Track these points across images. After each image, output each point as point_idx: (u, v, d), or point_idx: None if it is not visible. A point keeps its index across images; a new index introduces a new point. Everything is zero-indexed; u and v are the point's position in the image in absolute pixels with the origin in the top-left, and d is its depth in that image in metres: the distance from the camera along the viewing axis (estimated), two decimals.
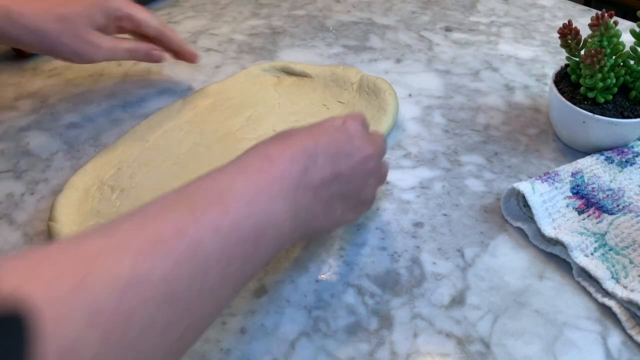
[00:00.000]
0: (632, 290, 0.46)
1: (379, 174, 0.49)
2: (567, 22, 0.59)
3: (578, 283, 0.50)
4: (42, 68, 0.75)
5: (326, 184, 0.42)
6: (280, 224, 0.39)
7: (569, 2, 0.89)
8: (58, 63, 0.76)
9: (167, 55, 0.66)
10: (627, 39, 0.57)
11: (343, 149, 0.44)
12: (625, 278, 0.48)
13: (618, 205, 0.53)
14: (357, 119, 0.47)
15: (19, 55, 0.76)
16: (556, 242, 0.51)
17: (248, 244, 0.36)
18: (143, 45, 0.65)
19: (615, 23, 0.56)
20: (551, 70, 0.67)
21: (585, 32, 0.59)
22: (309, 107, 0.66)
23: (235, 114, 0.65)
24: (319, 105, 0.67)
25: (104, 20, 0.61)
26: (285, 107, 0.66)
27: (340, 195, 0.44)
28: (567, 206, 0.53)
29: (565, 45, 0.60)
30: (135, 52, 0.64)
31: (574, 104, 0.58)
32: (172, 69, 0.75)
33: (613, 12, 0.56)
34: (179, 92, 0.71)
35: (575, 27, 0.58)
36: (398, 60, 0.76)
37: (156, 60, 0.66)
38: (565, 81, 0.61)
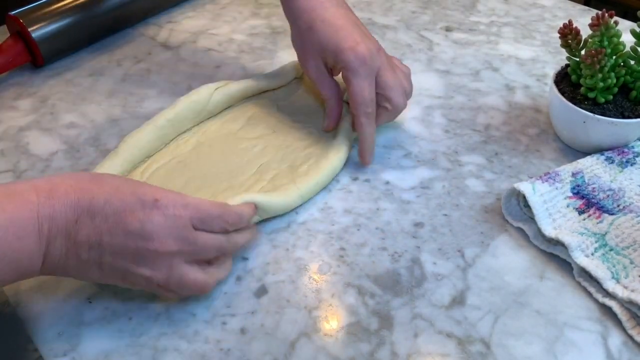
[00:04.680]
0: (632, 291, 0.46)
1: (167, 275, 0.43)
2: (567, 22, 0.59)
3: (578, 283, 0.50)
4: (42, 68, 0.75)
5: (85, 244, 0.42)
6: (22, 260, 0.41)
7: (569, 2, 0.89)
8: (57, 63, 0.76)
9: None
10: (627, 39, 0.57)
11: (124, 225, 0.42)
12: (625, 278, 0.48)
13: (618, 206, 0.53)
14: (178, 208, 0.43)
15: (34, 64, 0.76)
16: (557, 242, 0.51)
17: None
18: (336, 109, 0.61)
19: (616, 23, 0.56)
20: (551, 70, 0.67)
21: (585, 32, 0.59)
22: (306, 107, 0.67)
23: (237, 115, 0.65)
24: (315, 105, 0.67)
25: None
26: (284, 109, 0.67)
27: (97, 263, 0.43)
28: (568, 206, 0.53)
29: (565, 45, 0.60)
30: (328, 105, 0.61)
31: (575, 104, 0.58)
32: (172, 69, 0.75)
33: (613, 12, 0.56)
34: (179, 92, 0.71)
35: (576, 27, 0.58)
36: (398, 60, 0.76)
37: (325, 126, 0.62)
38: (565, 81, 0.61)
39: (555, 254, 0.52)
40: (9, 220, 0.40)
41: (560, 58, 0.75)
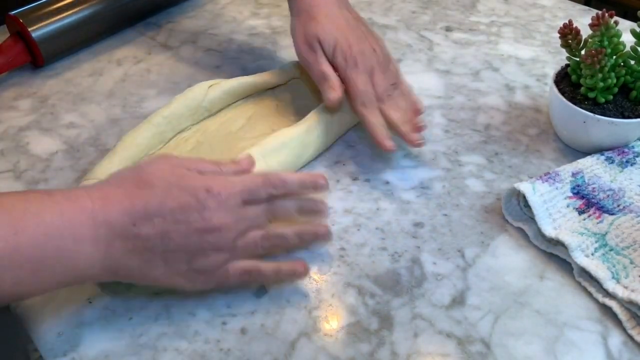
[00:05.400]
0: (632, 291, 0.46)
1: (233, 252, 0.45)
2: (567, 22, 0.59)
3: (579, 283, 0.50)
4: (41, 68, 0.75)
5: (150, 240, 0.43)
6: (79, 264, 0.42)
7: (570, 2, 0.89)
8: (57, 63, 0.76)
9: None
10: (627, 39, 0.57)
11: (184, 216, 0.43)
12: (625, 278, 0.48)
13: (619, 206, 0.53)
14: (227, 190, 0.45)
15: (34, 64, 0.76)
16: (557, 243, 0.51)
17: (24, 270, 0.40)
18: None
19: (616, 23, 0.56)
20: (551, 70, 0.67)
21: (585, 32, 0.59)
22: (306, 107, 0.67)
23: (237, 115, 0.65)
24: (314, 106, 0.67)
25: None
26: (284, 109, 0.67)
27: (163, 256, 0.43)
28: (568, 206, 0.53)
29: (565, 45, 0.60)
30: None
31: (575, 104, 0.58)
32: (172, 69, 0.75)
33: (613, 12, 0.56)
34: (179, 92, 0.71)
35: (576, 27, 0.58)
36: (398, 60, 0.76)
37: (331, 97, 0.59)
38: (565, 81, 0.61)
39: (555, 254, 0.52)
40: (67, 222, 0.41)
41: (560, 58, 0.75)
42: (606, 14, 0.56)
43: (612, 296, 0.48)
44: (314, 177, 0.50)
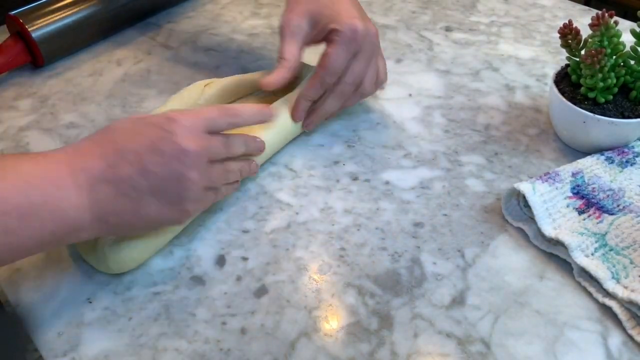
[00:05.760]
0: (632, 291, 0.46)
1: (207, 174, 0.47)
2: (567, 22, 0.59)
3: (578, 283, 0.50)
4: (41, 68, 0.75)
5: (133, 179, 0.44)
6: (67, 211, 0.42)
7: (569, 2, 0.89)
8: (57, 63, 0.76)
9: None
10: (627, 39, 0.57)
11: (157, 147, 0.44)
12: (625, 278, 0.48)
13: (618, 206, 0.53)
14: (189, 117, 0.47)
15: (34, 64, 0.76)
16: (557, 243, 0.51)
17: (12, 216, 0.40)
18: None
19: (616, 23, 0.56)
20: (551, 70, 0.67)
21: (585, 32, 0.59)
22: None
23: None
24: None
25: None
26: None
27: (151, 191, 0.44)
28: (568, 206, 0.53)
29: (565, 45, 0.60)
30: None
31: (575, 104, 0.58)
32: (172, 69, 0.75)
33: (613, 12, 0.56)
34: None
35: (576, 27, 0.58)
36: (398, 60, 0.76)
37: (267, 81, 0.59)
38: (565, 81, 0.61)
39: (555, 254, 0.52)
40: (45, 172, 0.42)
41: (560, 58, 0.75)
42: (606, 14, 0.56)
43: (612, 296, 0.48)
44: (262, 108, 0.53)
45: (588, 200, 0.54)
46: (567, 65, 0.61)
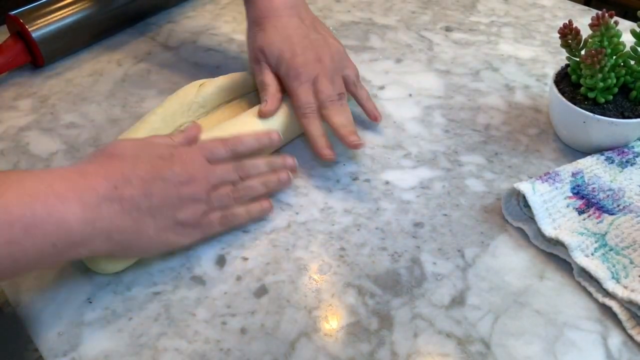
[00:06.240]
0: (632, 291, 0.46)
1: (209, 203, 0.50)
2: (567, 22, 0.59)
3: (578, 283, 0.50)
4: (42, 68, 0.75)
5: (137, 199, 0.45)
6: (71, 224, 0.42)
7: (569, 2, 0.89)
8: (57, 63, 0.76)
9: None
10: (627, 39, 0.57)
11: (159, 174, 0.47)
12: (625, 278, 0.48)
13: (618, 206, 0.53)
14: (191, 150, 0.50)
15: (34, 64, 0.75)
16: (556, 242, 0.51)
17: (16, 227, 0.40)
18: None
19: (616, 23, 0.56)
20: (551, 70, 0.67)
21: (585, 32, 0.59)
22: None
23: (234, 112, 0.65)
24: None
25: None
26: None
27: (150, 213, 0.46)
28: (568, 206, 0.53)
29: (565, 45, 0.60)
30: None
31: (575, 104, 0.58)
32: (172, 69, 0.75)
33: (613, 12, 0.56)
34: None
35: (576, 27, 0.58)
36: (398, 60, 0.76)
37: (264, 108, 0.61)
38: (565, 81, 0.61)
39: (555, 254, 0.52)
40: (49, 187, 0.42)
41: (560, 58, 0.75)
42: (606, 14, 0.56)
43: (612, 296, 0.48)
44: (268, 133, 0.56)
45: (588, 200, 0.54)
46: (567, 65, 0.61)
